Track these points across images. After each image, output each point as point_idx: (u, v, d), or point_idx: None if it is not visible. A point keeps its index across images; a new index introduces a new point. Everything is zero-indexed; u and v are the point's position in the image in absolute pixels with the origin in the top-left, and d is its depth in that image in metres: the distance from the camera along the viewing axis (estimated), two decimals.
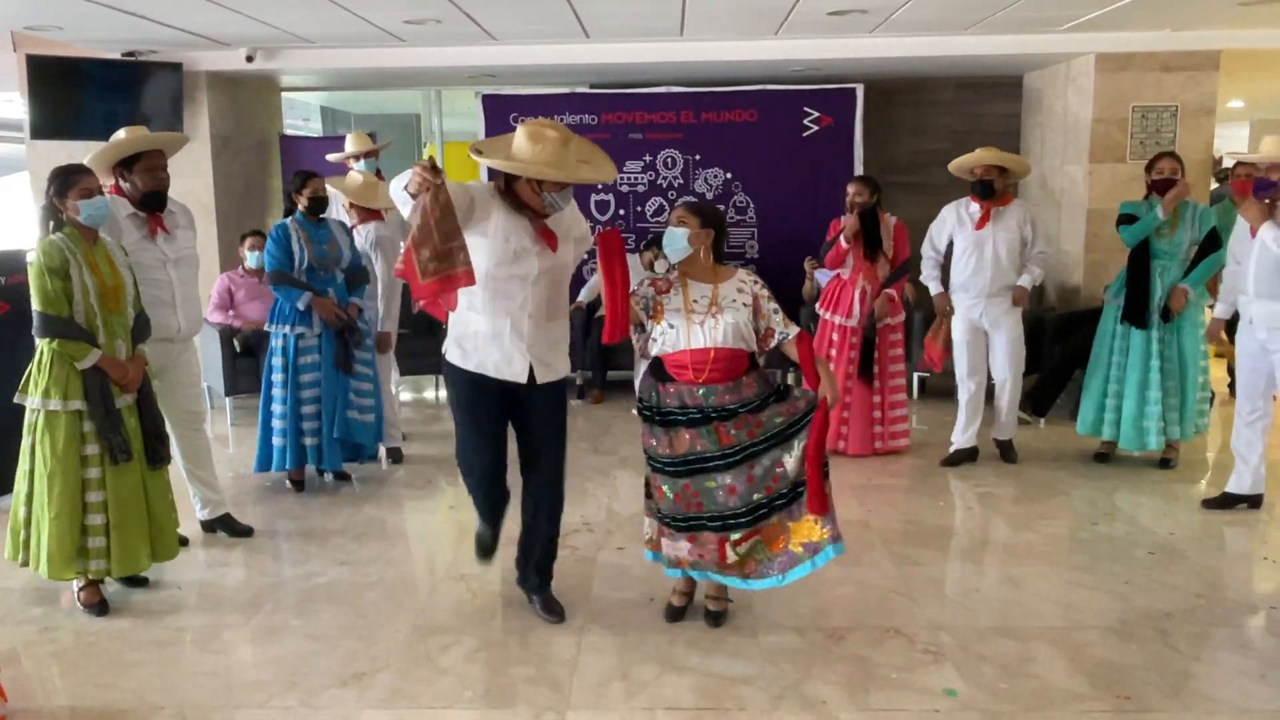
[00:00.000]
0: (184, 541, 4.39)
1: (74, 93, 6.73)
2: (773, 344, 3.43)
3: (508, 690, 3.16)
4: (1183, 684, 3.17)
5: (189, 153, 7.17)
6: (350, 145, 6.11)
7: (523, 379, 3.42)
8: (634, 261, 7.39)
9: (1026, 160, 5.52)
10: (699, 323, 3.35)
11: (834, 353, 5.76)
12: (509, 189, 3.35)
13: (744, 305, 3.38)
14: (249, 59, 7.04)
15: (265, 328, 5.16)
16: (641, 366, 3.59)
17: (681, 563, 3.48)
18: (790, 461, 3.36)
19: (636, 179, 7.83)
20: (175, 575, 4.10)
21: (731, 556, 3.41)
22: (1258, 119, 14.18)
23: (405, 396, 7.62)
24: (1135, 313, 5.20)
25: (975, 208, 5.46)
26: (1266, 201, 4.44)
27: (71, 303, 3.58)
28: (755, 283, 3.45)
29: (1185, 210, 5.17)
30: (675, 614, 3.65)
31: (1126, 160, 7.10)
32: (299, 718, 3.02)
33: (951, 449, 5.68)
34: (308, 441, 5.06)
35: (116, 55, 6.92)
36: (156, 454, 3.83)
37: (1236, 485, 4.77)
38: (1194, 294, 5.15)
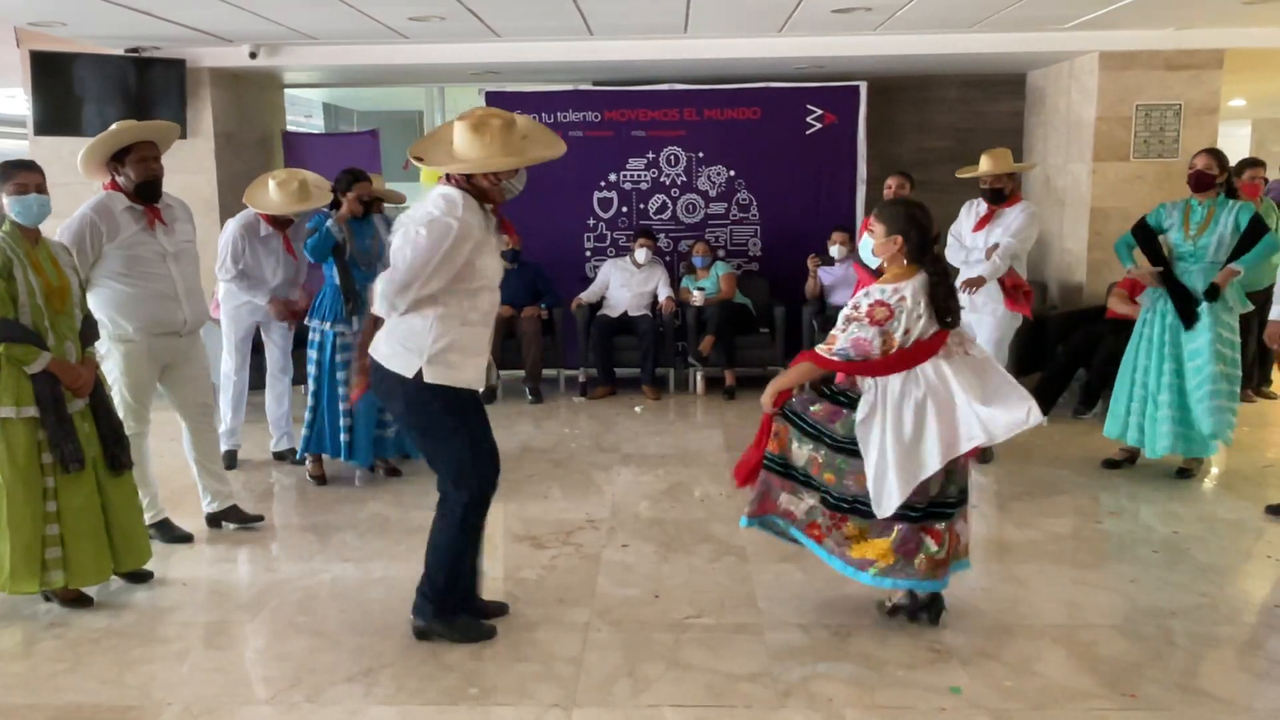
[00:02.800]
0: (188, 538, 4.40)
1: (77, 89, 6.73)
2: None
3: (514, 687, 3.16)
4: (1189, 682, 3.17)
5: (193, 149, 7.18)
6: (277, 197, 5.19)
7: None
8: (639, 257, 7.40)
9: (1028, 164, 5.52)
10: None
11: None
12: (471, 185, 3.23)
13: None
14: (252, 55, 7.03)
15: (305, 321, 5.18)
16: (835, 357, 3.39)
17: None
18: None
19: (639, 176, 7.82)
20: (180, 572, 4.10)
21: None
22: (1260, 118, 14.19)
23: None
24: (1184, 314, 4.96)
25: (983, 208, 5.58)
26: None
27: (16, 304, 3.45)
28: None
29: (1220, 210, 4.92)
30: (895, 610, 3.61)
31: (1130, 159, 7.10)
32: (305, 714, 3.02)
33: None
34: (343, 438, 5.08)
35: (120, 51, 6.91)
36: (116, 459, 3.70)
37: None
38: (1243, 272, 4.90)
